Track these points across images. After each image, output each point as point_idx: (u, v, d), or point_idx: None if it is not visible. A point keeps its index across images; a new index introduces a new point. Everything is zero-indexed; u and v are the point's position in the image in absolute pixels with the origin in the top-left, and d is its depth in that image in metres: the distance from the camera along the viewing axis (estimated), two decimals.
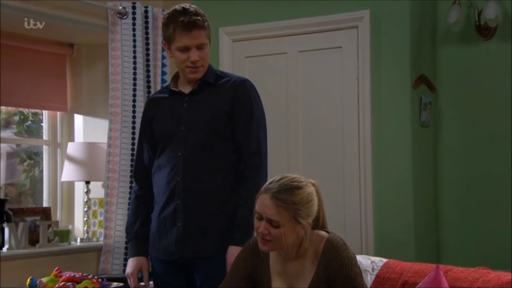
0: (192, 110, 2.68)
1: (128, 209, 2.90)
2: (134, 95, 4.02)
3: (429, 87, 4.13)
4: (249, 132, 2.66)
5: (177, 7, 2.67)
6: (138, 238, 2.77)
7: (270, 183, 2.23)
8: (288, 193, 2.18)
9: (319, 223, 2.30)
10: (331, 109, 4.15)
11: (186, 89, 2.72)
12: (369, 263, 2.89)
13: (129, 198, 3.67)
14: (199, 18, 2.62)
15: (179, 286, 2.68)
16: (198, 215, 2.63)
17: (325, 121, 4.17)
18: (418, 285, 2.61)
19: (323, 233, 2.28)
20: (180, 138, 2.68)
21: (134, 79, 4.01)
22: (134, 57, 4.01)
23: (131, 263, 2.75)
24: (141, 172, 2.81)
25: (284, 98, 4.28)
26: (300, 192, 2.20)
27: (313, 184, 2.27)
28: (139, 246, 2.76)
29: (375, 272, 2.84)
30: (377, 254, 3.64)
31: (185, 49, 2.63)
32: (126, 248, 3.91)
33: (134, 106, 4.01)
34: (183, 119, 2.68)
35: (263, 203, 2.20)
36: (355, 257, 2.26)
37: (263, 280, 2.32)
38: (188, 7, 2.65)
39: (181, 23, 2.60)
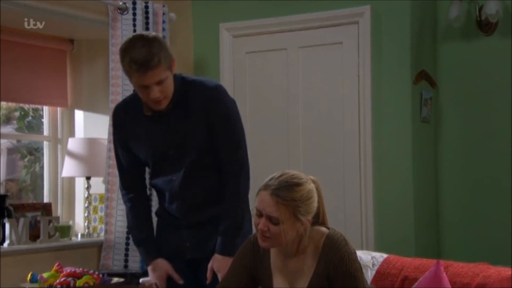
0: (173, 133, 2.61)
1: (127, 217, 2.84)
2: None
3: (430, 83, 4.13)
4: (226, 140, 2.61)
5: (134, 38, 2.50)
6: (150, 241, 2.73)
7: (270, 179, 2.22)
8: (288, 190, 2.18)
9: (319, 219, 2.30)
10: (332, 104, 4.15)
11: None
12: (369, 258, 2.89)
13: None
14: (151, 57, 2.44)
15: (186, 280, 2.69)
16: (203, 228, 2.65)
17: (325, 117, 4.17)
18: (418, 281, 2.61)
19: (323, 229, 2.28)
20: (170, 163, 2.64)
21: None
22: None
23: (156, 267, 2.69)
24: (128, 183, 2.75)
25: (284, 94, 4.28)
26: (300, 189, 2.20)
27: (313, 181, 2.27)
28: (155, 248, 2.72)
29: (376, 268, 2.84)
30: (378, 250, 3.65)
31: (144, 87, 2.51)
32: (127, 244, 3.92)
33: None
34: (168, 143, 2.62)
35: (262, 200, 2.20)
36: (355, 252, 2.26)
37: (263, 277, 2.32)
38: (143, 43, 2.45)
39: (135, 66, 2.45)
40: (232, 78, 4.43)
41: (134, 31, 4.00)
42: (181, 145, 2.61)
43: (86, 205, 4.07)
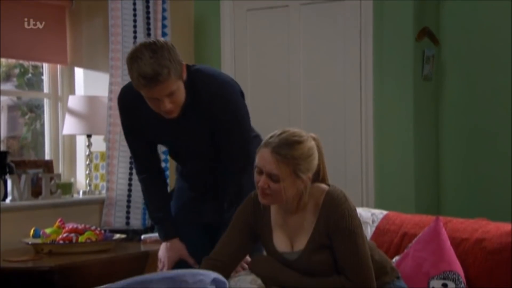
0: (182, 133, 2.55)
1: (143, 195, 2.80)
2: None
3: (432, 40, 4.09)
4: (233, 139, 2.55)
5: (141, 46, 2.35)
6: (167, 220, 2.70)
7: (270, 137, 2.22)
8: (289, 148, 2.18)
9: (319, 176, 2.31)
10: (333, 62, 4.13)
11: None
12: (369, 215, 2.91)
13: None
14: (161, 70, 2.31)
15: (201, 245, 2.68)
16: (221, 196, 2.64)
17: (326, 74, 4.16)
18: (417, 236, 2.64)
19: (323, 186, 2.29)
20: (182, 155, 2.67)
21: (135, 31, 3.98)
22: (134, 9, 3.97)
23: (171, 248, 2.65)
24: (142, 165, 2.70)
25: (285, 51, 4.25)
26: (300, 147, 2.20)
27: (313, 139, 2.27)
28: (173, 227, 2.69)
29: (375, 224, 2.87)
30: (378, 207, 3.67)
31: (154, 99, 2.39)
32: (128, 201, 3.95)
33: None
34: (177, 140, 2.59)
35: (263, 157, 2.20)
36: (355, 209, 2.27)
37: (264, 233, 2.34)
38: (151, 53, 2.31)
39: (143, 80, 2.32)
40: (233, 36, 4.38)
41: None
42: (191, 143, 2.58)
43: (87, 162, 4.08)
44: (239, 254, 2.38)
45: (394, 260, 2.62)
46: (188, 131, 2.55)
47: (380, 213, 2.93)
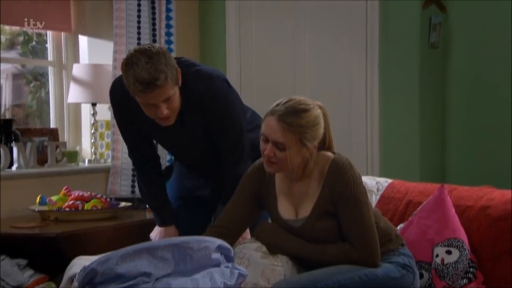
0: (176, 135, 2.53)
1: (138, 184, 2.78)
2: (139, 16, 3.97)
3: (440, 7, 4.05)
4: (225, 134, 2.53)
5: (136, 52, 2.30)
6: (164, 208, 2.70)
7: (276, 105, 2.22)
8: (295, 116, 2.18)
9: (325, 144, 2.31)
10: (339, 29, 4.10)
11: None
12: (374, 183, 2.92)
13: None
14: (158, 75, 2.26)
15: (198, 222, 2.70)
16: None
17: (331, 43, 4.13)
18: (422, 204, 2.65)
19: (328, 154, 2.29)
20: (179, 153, 2.69)
21: None
22: None
23: (164, 233, 2.66)
24: (137, 154, 2.68)
25: (291, 18, 4.21)
26: (306, 115, 2.19)
27: (319, 107, 2.26)
28: (170, 213, 2.69)
29: (380, 192, 2.88)
30: (383, 176, 3.67)
31: (150, 105, 2.35)
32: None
33: (139, 27, 3.97)
34: (173, 141, 2.59)
35: (269, 125, 2.20)
36: (360, 177, 2.28)
37: (269, 200, 2.35)
38: (147, 59, 2.26)
39: (140, 86, 2.27)
40: (239, 36, 4.32)
41: None
42: (186, 143, 2.57)
43: (92, 131, 4.09)
44: (244, 221, 2.39)
45: (398, 227, 2.63)
46: (182, 133, 2.53)
47: (385, 181, 2.94)
